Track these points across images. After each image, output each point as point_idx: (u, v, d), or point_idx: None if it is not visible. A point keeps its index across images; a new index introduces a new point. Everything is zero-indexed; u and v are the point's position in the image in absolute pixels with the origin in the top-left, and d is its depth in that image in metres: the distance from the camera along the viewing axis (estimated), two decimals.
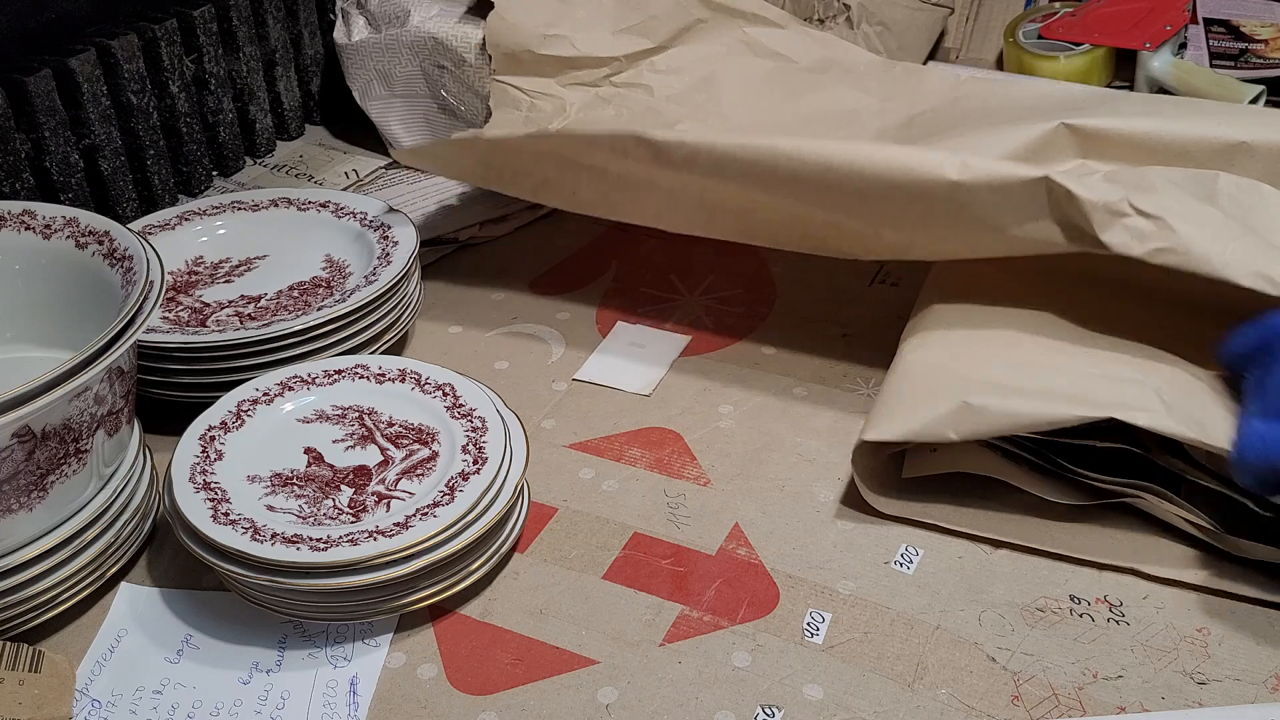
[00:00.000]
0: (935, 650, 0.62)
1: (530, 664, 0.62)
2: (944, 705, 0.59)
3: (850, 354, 0.85)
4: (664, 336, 0.88)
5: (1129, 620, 0.63)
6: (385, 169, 1.13)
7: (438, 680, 0.61)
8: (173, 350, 0.75)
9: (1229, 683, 0.60)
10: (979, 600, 0.65)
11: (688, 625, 0.64)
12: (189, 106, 1.04)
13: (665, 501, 0.72)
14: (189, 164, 1.06)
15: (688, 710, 0.59)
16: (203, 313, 0.82)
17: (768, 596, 0.65)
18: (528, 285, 0.95)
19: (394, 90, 1.10)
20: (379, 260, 0.83)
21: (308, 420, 0.71)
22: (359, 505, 0.65)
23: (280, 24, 1.13)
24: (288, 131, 1.18)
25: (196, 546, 0.62)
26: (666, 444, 0.77)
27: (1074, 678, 0.60)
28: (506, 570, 0.68)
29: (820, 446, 0.76)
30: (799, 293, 0.93)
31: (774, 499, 0.72)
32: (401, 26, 1.06)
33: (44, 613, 0.62)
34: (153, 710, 0.60)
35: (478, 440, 0.67)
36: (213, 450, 0.67)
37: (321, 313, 0.77)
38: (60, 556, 0.62)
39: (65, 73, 0.91)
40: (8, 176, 0.88)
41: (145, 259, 0.65)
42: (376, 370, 0.73)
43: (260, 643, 0.63)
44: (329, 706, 0.60)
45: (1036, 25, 1.27)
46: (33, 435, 0.57)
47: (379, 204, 0.90)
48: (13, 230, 0.70)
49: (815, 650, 0.62)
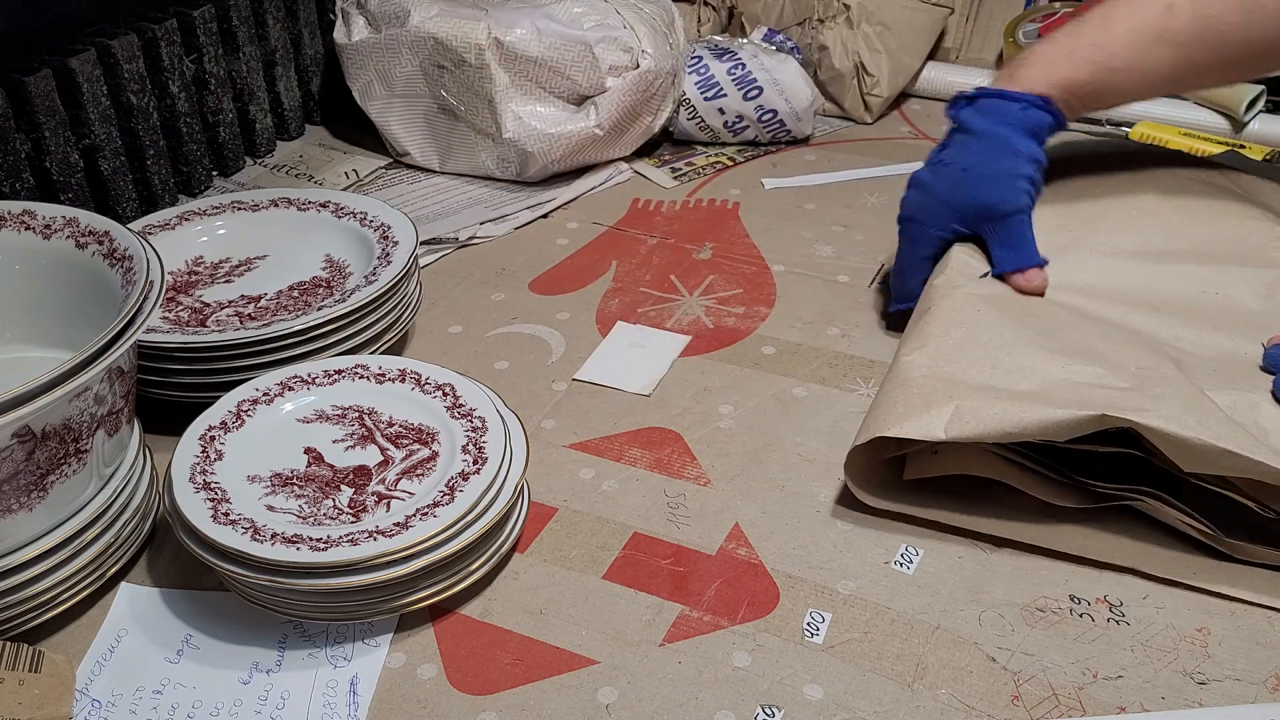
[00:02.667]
0: (935, 650, 0.62)
1: (530, 664, 0.62)
2: (944, 705, 0.59)
3: (850, 354, 0.85)
4: (664, 336, 0.88)
5: (1129, 620, 0.63)
6: (385, 169, 1.13)
7: (438, 680, 0.61)
8: (173, 350, 0.75)
9: (1229, 683, 0.60)
10: (979, 600, 0.65)
11: (688, 625, 0.64)
12: (189, 106, 1.04)
13: (665, 501, 0.72)
14: (189, 164, 1.06)
15: (688, 710, 0.59)
16: (203, 313, 0.82)
17: (768, 596, 0.65)
18: (527, 285, 0.95)
19: (394, 90, 1.10)
20: (379, 260, 0.83)
21: (308, 420, 0.71)
22: (359, 505, 0.65)
23: (280, 24, 1.13)
24: (288, 131, 1.18)
25: (196, 546, 0.62)
26: (666, 444, 0.77)
27: (1074, 678, 0.60)
28: (506, 570, 0.68)
29: (820, 446, 0.76)
30: (799, 293, 0.93)
31: (774, 499, 0.72)
32: (401, 26, 1.06)
33: (44, 613, 0.62)
34: (153, 710, 0.60)
35: (478, 440, 0.67)
36: (213, 450, 0.67)
37: (321, 313, 0.77)
38: (60, 556, 0.62)
39: (65, 73, 0.91)
40: (8, 176, 0.88)
41: (145, 259, 0.65)
42: (376, 370, 0.73)
43: (260, 643, 0.63)
44: (329, 706, 0.60)
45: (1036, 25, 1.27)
46: (33, 435, 0.57)
47: (379, 204, 0.90)
48: (13, 230, 0.70)
49: (815, 650, 0.62)
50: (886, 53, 1.19)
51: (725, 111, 1.14)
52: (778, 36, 1.19)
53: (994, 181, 0.77)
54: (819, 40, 1.20)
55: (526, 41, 1.03)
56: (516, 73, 1.04)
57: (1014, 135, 0.77)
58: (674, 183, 1.11)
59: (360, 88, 1.12)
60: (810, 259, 0.98)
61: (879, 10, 1.18)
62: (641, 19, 1.08)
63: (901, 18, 1.19)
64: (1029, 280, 0.75)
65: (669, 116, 1.13)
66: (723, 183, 1.11)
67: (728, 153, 1.16)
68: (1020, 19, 1.30)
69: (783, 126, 1.15)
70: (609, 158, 1.12)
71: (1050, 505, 0.68)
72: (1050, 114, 0.77)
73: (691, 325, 0.89)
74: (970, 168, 0.78)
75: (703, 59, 1.14)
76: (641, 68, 1.07)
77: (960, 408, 0.65)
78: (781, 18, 1.23)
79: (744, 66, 1.13)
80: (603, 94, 1.06)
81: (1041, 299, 0.75)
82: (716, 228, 1.03)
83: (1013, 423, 0.64)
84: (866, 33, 1.18)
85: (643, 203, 1.07)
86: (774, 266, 0.96)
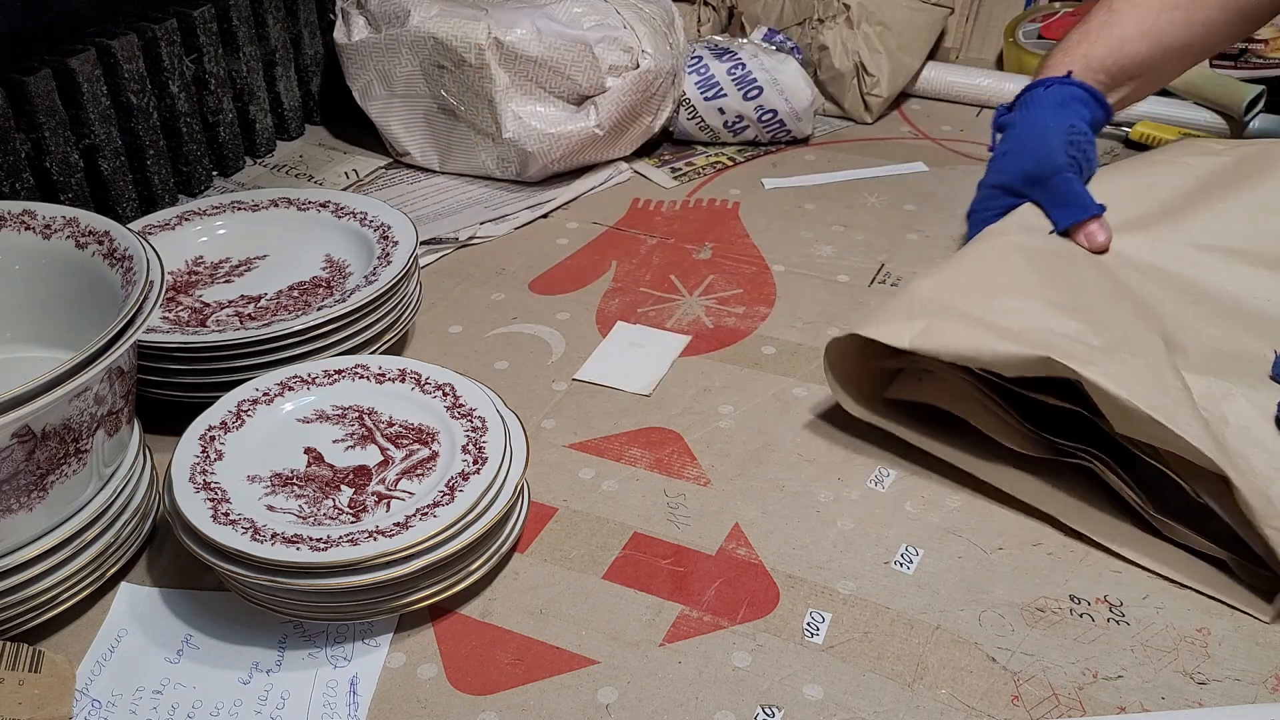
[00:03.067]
0: (935, 650, 0.62)
1: (530, 664, 0.62)
2: (944, 705, 0.59)
3: None
4: (664, 336, 0.88)
5: (1129, 620, 0.63)
6: (385, 169, 1.13)
7: (438, 680, 0.61)
8: (173, 350, 0.75)
9: (1229, 683, 0.60)
10: (979, 600, 0.65)
11: (688, 625, 0.64)
12: (189, 106, 1.04)
13: (665, 501, 0.72)
14: (189, 164, 1.06)
15: (688, 710, 0.59)
16: (203, 313, 0.82)
17: (768, 596, 0.65)
18: (527, 285, 0.95)
19: (394, 90, 1.10)
20: (379, 260, 0.83)
21: (308, 420, 0.71)
22: (359, 505, 0.65)
23: (280, 24, 1.13)
24: (288, 131, 1.18)
25: (196, 546, 0.62)
26: (666, 444, 0.77)
27: (1074, 678, 0.60)
28: (506, 570, 0.67)
29: (820, 446, 0.76)
30: (799, 293, 0.93)
31: (774, 499, 0.72)
32: (401, 26, 1.06)
33: (44, 613, 0.62)
34: (153, 710, 0.60)
35: (478, 440, 0.67)
36: (213, 450, 0.67)
37: (321, 313, 0.77)
38: (60, 556, 0.62)
39: (65, 73, 0.91)
40: (8, 176, 0.88)
41: (145, 259, 0.65)
42: (376, 370, 0.73)
43: (260, 643, 0.63)
44: (329, 706, 0.60)
45: (1036, 25, 1.27)
46: (33, 435, 0.57)
47: (379, 204, 0.90)
48: (13, 230, 0.70)
49: (815, 650, 0.62)
50: (886, 53, 1.19)
51: (725, 111, 1.14)
52: (778, 36, 1.19)
53: (1030, 152, 0.81)
54: (819, 40, 1.20)
55: (526, 41, 1.03)
56: (516, 73, 1.04)
57: (1044, 112, 0.81)
58: (674, 183, 1.11)
59: (360, 88, 1.12)
60: (810, 259, 0.98)
61: (879, 10, 1.18)
62: (641, 19, 1.08)
63: (901, 18, 1.19)
64: (1091, 236, 0.78)
65: (669, 116, 1.13)
66: (723, 183, 1.11)
67: (728, 153, 1.16)
68: (1020, 19, 1.30)
69: (783, 126, 1.15)
70: (609, 158, 1.12)
71: (1012, 454, 0.70)
72: (1077, 86, 0.81)
73: (691, 325, 0.89)
74: (1009, 150, 0.83)
75: (703, 59, 1.14)
76: (641, 68, 1.07)
77: (931, 325, 0.69)
78: (781, 18, 1.23)
79: (744, 66, 1.13)
80: (603, 94, 1.06)
81: (1090, 264, 0.76)
82: (716, 228, 1.03)
83: (969, 348, 0.68)
84: (866, 33, 1.18)
85: (643, 203, 1.07)
86: (774, 266, 0.96)
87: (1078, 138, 0.81)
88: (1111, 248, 0.78)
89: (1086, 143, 0.81)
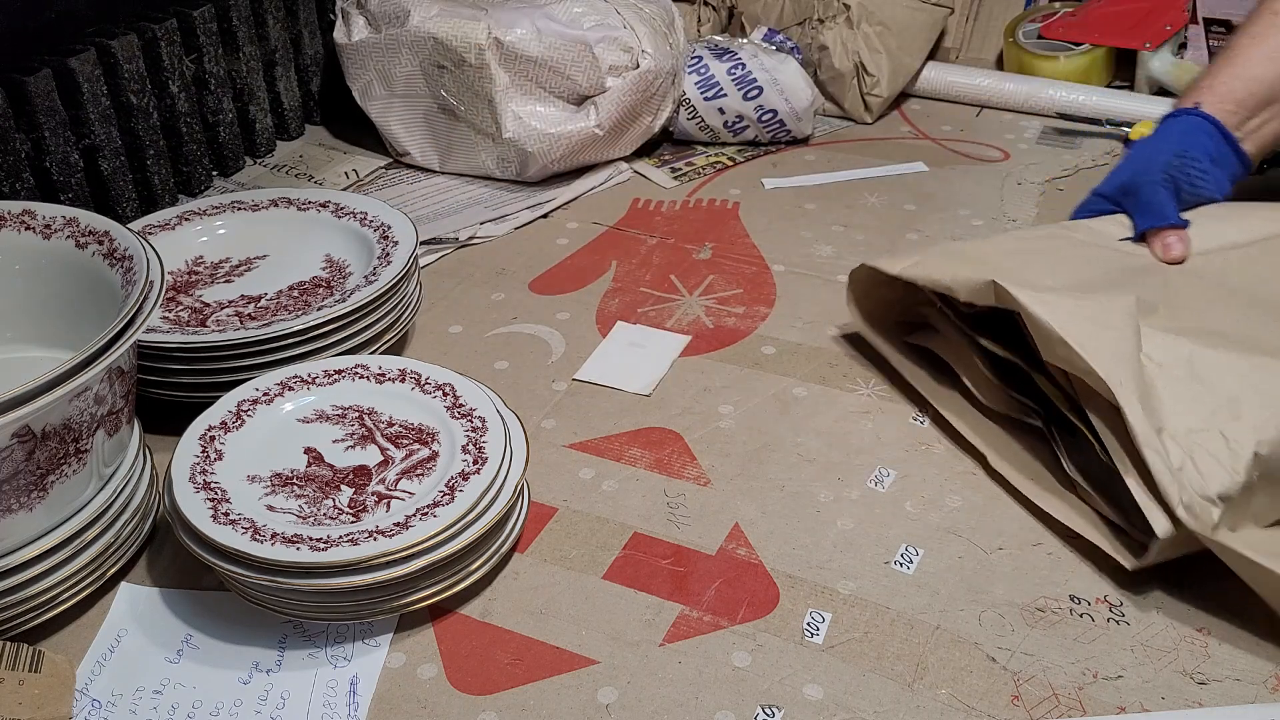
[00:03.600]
0: (935, 650, 0.62)
1: (530, 664, 0.62)
2: (944, 705, 0.59)
3: (850, 354, 0.85)
4: (664, 336, 0.88)
5: (1129, 620, 0.63)
6: (385, 169, 1.13)
7: (438, 680, 0.61)
8: (173, 350, 0.75)
9: (1229, 683, 0.60)
10: (979, 600, 0.65)
11: (688, 625, 0.64)
12: (189, 106, 1.04)
13: (665, 501, 0.72)
14: (189, 164, 1.06)
15: (688, 710, 0.59)
16: (203, 313, 0.82)
17: (768, 596, 0.65)
18: (528, 285, 0.95)
19: (394, 90, 1.10)
20: (379, 260, 0.83)
21: (308, 420, 0.71)
22: (359, 505, 0.65)
23: (280, 24, 1.13)
24: (288, 131, 1.18)
25: (196, 546, 0.62)
26: (666, 444, 0.77)
27: (1074, 678, 0.60)
28: (506, 570, 0.68)
29: (820, 446, 0.76)
30: (799, 293, 0.93)
31: (774, 499, 0.72)
32: (401, 26, 1.06)
33: (44, 613, 0.62)
34: (153, 710, 0.60)
35: (478, 440, 0.67)
36: (213, 450, 0.67)
37: (321, 313, 0.77)
38: (60, 556, 0.62)
39: (65, 73, 0.91)
40: (8, 176, 0.88)
41: (145, 259, 0.65)
42: (376, 370, 0.73)
43: (260, 643, 0.63)
44: (329, 706, 0.60)
45: (1036, 25, 1.27)
46: (33, 435, 0.57)
47: (379, 204, 0.90)
48: (13, 230, 0.70)
49: (815, 650, 0.62)
50: (886, 53, 1.19)
51: (725, 111, 1.14)
52: (778, 36, 1.19)
53: (1131, 165, 0.84)
54: (819, 40, 1.20)
55: (526, 41, 1.03)
56: (516, 73, 1.04)
57: (1161, 137, 0.83)
58: (674, 183, 1.11)
59: (360, 88, 1.12)
60: (810, 259, 0.98)
61: (879, 10, 1.18)
62: (641, 19, 1.08)
63: (901, 18, 1.19)
64: (1167, 246, 0.78)
65: (669, 116, 1.13)
66: (723, 183, 1.11)
67: (728, 153, 1.16)
68: (1020, 19, 1.30)
69: (783, 126, 1.15)
70: (609, 158, 1.12)
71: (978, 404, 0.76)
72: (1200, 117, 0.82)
73: (691, 325, 0.89)
74: (1119, 166, 0.86)
75: (703, 59, 1.14)
76: (641, 68, 1.07)
77: (923, 260, 0.77)
78: (781, 18, 1.23)
79: (744, 66, 1.13)
80: (603, 94, 1.06)
81: (1137, 261, 0.77)
82: (716, 228, 1.03)
83: (939, 272, 0.75)
84: (866, 33, 1.18)
85: (643, 203, 1.07)
86: (774, 266, 0.96)
87: (1184, 161, 0.81)
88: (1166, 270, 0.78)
89: (1196, 171, 0.81)
